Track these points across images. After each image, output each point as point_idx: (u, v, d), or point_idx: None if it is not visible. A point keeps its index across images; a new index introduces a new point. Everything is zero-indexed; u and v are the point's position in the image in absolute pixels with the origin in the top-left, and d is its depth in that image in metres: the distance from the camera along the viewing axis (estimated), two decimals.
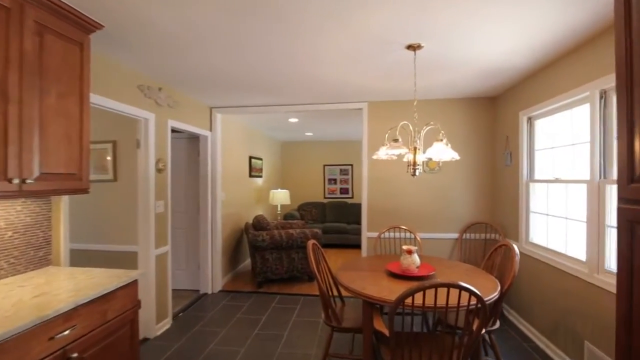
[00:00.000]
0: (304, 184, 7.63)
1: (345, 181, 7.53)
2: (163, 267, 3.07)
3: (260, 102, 3.83)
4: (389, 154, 2.03)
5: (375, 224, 3.74)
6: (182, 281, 4.16)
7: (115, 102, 2.48)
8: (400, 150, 1.99)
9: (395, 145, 2.01)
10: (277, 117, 4.78)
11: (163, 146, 3.07)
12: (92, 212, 3.07)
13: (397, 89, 3.30)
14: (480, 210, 3.61)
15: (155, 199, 2.95)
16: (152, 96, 2.89)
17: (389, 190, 3.73)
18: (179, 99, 3.33)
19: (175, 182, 4.14)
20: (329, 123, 5.33)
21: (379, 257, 2.84)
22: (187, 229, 4.13)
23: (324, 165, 7.57)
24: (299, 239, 4.21)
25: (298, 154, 7.65)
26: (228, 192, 4.54)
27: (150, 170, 2.88)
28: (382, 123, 3.75)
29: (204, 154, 3.99)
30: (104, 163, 3.03)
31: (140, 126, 2.86)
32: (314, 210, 6.99)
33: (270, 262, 4.21)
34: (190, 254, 4.14)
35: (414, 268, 2.25)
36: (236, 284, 4.40)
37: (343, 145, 7.53)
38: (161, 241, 3.04)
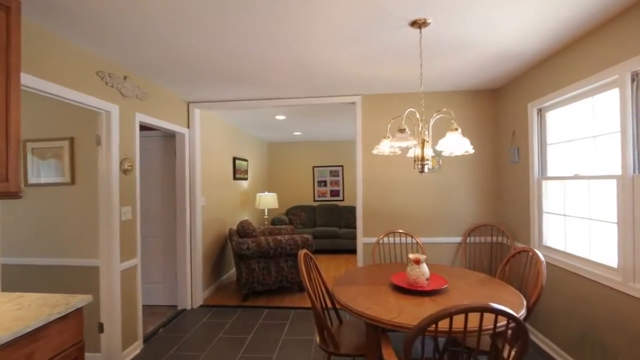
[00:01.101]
0: (292, 187, 7.26)
1: (336, 183, 7.21)
2: (131, 284, 2.66)
3: (244, 96, 3.47)
4: (394, 147, 1.70)
5: (371, 228, 3.41)
6: (159, 296, 3.73)
7: (67, 90, 2.07)
8: (408, 142, 1.67)
9: (402, 137, 1.69)
10: (262, 113, 4.42)
11: (130, 144, 2.67)
12: (45, 221, 2.63)
13: (394, 79, 2.99)
14: (485, 211, 3.33)
15: (120, 205, 2.54)
16: (115, 85, 2.49)
17: (385, 192, 3.42)
18: (149, 90, 2.93)
19: (149, 185, 3.72)
20: (318, 121, 5.00)
21: (378, 267, 2.51)
22: (164, 238, 3.71)
23: (313, 167, 7.23)
24: (288, 246, 3.85)
25: (286, 155, 7.29)
26: (210, 196, 4.14)
27: (114, 171, 2.47)
28: (377, 119, 3.44)
29: (181, 154, 3.59)
30: (60, 163, 2.61)
31: (101, 120, 2.46)
32: (303, 214, 6.63)
33: (257, 272, 3.82)
34: (167, 266, 3.72)
35: (423, 280, 1.93)
36: (219, 297, 3.99)
37: (333, 145, 7.21)
38: (128, 253, 2.62)
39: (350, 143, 7.17)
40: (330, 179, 7.22)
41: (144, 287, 3.72)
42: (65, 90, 2.07)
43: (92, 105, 2.28)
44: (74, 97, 2.13)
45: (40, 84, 1.90)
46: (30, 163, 2.65)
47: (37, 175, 2.64)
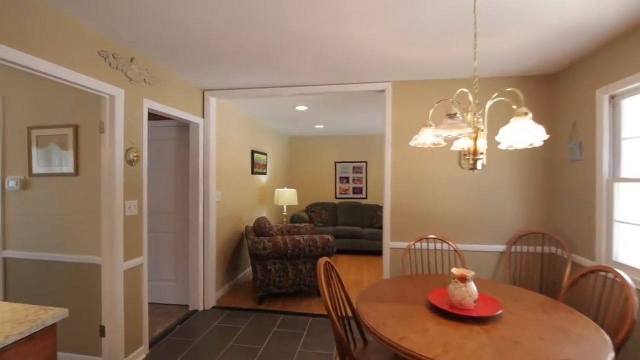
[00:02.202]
0: (313, 183, 6.97)
1: (359, 180, 6.83)
2: (136, 284, 2.45)
3: (263, 83, 3.18)
4: (441, 136, 1.34)
5: (400, 231, 3.04)
6: (170, 295, 3.55)
7: (63, 70, 1.85)
8: (461, 130, 1.30)
9: (453, 124, 1.32)
10: (283, 104, 4.13)
11: (137, 132, 2.45)
12: (49, 214, 2.47)
13: (432, 63, 2.59)
14: (535, 217, 2.87)
15: (125, 199, 2.32)
16: (121, 67, 2.26)
17: (417, 191, 3.03)
18: (160, 75, 2.70)
19: (162, 178, 3.53)
20: (341, 113, 4.64)
21: (410, 279, 2.15)
22: (178, 234, 3.51)
23: (335, 163, 6.89)
24: (307, 248, 3.55)
25: (307, 149, 6.99)
26: (226, 191, 3.91)
27: (118, 161, 2.25)
28: (409, 109, 3.05)
29: (195, 146, 3.36)
30: (64, 153, 2.42)
31: (105, 105, 2.24)
32: (324, 212, 6.32)
33: (273, 274, 3.56)
34: (180, 264, 3.52)
35: (470, 303, 1.56)
36: (234, 298, 3.76)
37: (357, 140, 6.83)
38: (133, 251, 2.41)
39: (376, 138, 6.76)
40: (353, 176, 6.85)
41: (155, 285, 3.55)
42: (66, 72, 1.85)
43: (93, 88, 2.05)
44: (71, 77, 1.91)
45: (39, 64, 1.68)
46: (35, 152, 2.48)
47: (41, 165, 2.47)
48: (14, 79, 2.52)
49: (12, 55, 1.59)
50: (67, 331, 2.42)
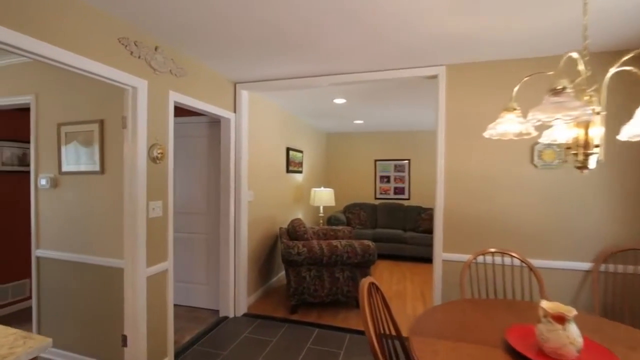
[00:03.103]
0: (351, 182, 6.59)
1: (401, 179, 6.34)
2: (160, 291, 2.27)
3: (299, 71, 2.88)
4: (541, 121, 0.93)
5: (454, 240, 2.59)
6: (202, 298, 3.40)
7: (77, 57, 1.68)
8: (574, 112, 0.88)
9: (562, 104, 0.90)
10: (319, 97, 3.81)
11: (161, 127, 2.27)
12: (76, 214, 2.38)
13: (501, 38, 2.12)
14: (632, 228, 2.28)
15: (148, 199, 2.15)
16: (143, 56, 2.08)
17: (477, 193, 2.55)
18: (187, 66, 2.50)
19: (194, 176, 3.38)
20: (383, 106, 4.22)
21: (474, 305, 1.72)
22: (209, 235, 3.35)
23: (375, 161, 6.46)
24: (345, 254, 3.21)
25: (345, 146, 6.63)
26: (259, 191, 3.68)
27: (140, 158, 2.08)
28: (468, 97, 2.57)
29: (226, 142, 3.16)
30: (90, 149, 2.31)
31: (127, 97, 2.07)
32: (362, 214, 5.93)
33: (308, 281, 3.26)
34: (211, 266, 3.36)
35: (571, 352, 1.13)
36: (266, 304, 3.53)
37: (399, 136, 6.34)
38: (157, 256, 2.24)
39: (420, 133, 6.22)
40: (395, 175, 6.37)
41: (187, 287, 3.43)
42: (75, 58, 1.68)
43: (111, 78, 1.88)
44: (87, 66, 1.73)
45: (53, 51, 1.52)
46: (63, 149, 2.40)
47: (69, 163, 2.38)
48: (45, 75, 2.46)
49: (18, 40, 1.43)
50: (91, 336, 2.31)
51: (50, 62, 1.60)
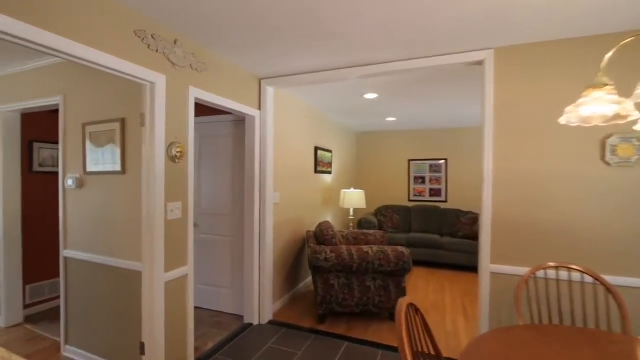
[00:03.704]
0: (383, 183, 6.28)
1: (437, 180, 5.92)
2: (179, 297, 2.16)
3: (326, 64, 2.68)
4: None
5: (505, 251, 2.24)
6: (226, 303, 3.29)
7: (93, 51, 1.60)
8: None
9: None
10: (349, 92, 3.58)
11: (181, 124, 2.15)
12: (98, 215, 2.34)
13: (566, 6, 1.77)
14: None
15: (166, 200, 2.04)
16: (161, 50, 1.97)
17: (533, 196, 2.19)
18: (209, 60, 2.38)
19: (218, 177, 3.29)
20: (419, 101, 3.90)
21: (538, 332, 1.40)
22: (235, 238, 3.24)
23: (409, 160, 6.10)
24: (377, 261, 2.94)
25: (376, 146, 6.33)
26: (286, 192, 3.52)
27: (158, 158, 1.97)
28: (521, 84, 2.22)
29: (251, 141, 3.02)
30: (112, 149, 2.26)
31: (145, 93, 1.97)
32: (395, 217, 5.60)
33: (336, 290, 3.04)
34: (236, 270, 3.24)
35: None
36: (292, 312, 3.35)
37: (435, 134, 5.93)
38: (176, 260, 2.12)
39: (458, 131, 5.77)
40: (430, 175, 5.97)
41: (211, 290, 3.33)
42: (96, 54, 1.59)
43: (127, 72, 1.78)
44: (100, 60, 1.64)
45: (64, 44, 1.43)
46: (88, 148, 2.38)
47: (93, 163, 2.35)
48: (73, 76, 2.45)
49: (26, 32, 1.35)
50: (112, 340, 2.24)
51: (61, 55, 1.52)
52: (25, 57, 2.55)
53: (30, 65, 2.67)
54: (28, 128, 3.18)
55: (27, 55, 2.51)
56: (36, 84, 2.66)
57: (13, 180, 2.99)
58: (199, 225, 3.37)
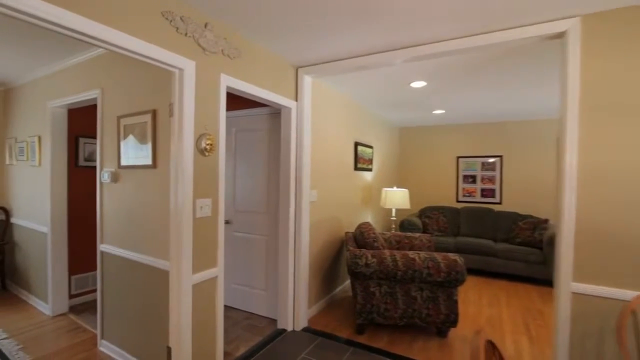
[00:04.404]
0: (428, 182, 5.82)
1: (490, 179, 5.34)
2: (207, 301, 2.01)
3: (370, 47, 2.39)
4: None
5: (595, 267, 1.80)
6: (260, 305, 3.14)
7: (117, 33, 1.47)
8: None
9: None
10: (394, 80, 3.25)
11: (211, 115, 2.00)
12: (130, 210, 2.27)
13: None
14: None
15: (194, 196, 1.89)
16: (190, 33, 1.82)
17: (635, 199, 1.73)
18: (242, 46, 2.21)
19: (253, 173, 3.14)
20: (472, 89, 3.46)
21: None
22: (270, 237, 3.08)
23: (457, 157, 5.58)
24: (425, 270, 2.60)
25: (421, 142, 5.88)
26: (323, 190, 3.29)
27: (187, 150, 1.83)
28: (620, 60, 1.77)
29: (287, 135, 2.82)
30: (144, 142, 2.17)
31: (174, 81, 1.83)
32: (442, 218, 5.13)
33: (378, 298, 2.75)
34: (270, 271, 3.08)
35: None
36: (329, 319, 3.12)
37: (488, 128, 5.35)
38: (205, 261, 1.98)
39: (517, 125, 5.15)
40: (482, 174, 5.40)
41: (245, 290, 3.20)
42: (121, 36, 1.46)
43: (153, 57, 1.64)
44: (127, 43, 1.51)
45: (84, 24, 1.31)
46: (122, 141, 2.32)
47: (127, 156, 2.29)
48: (110, 68, 2.42)
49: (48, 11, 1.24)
50: (141, 340, 2.16)
51: (83, 38, 1.41)
52: (65, 52, 2.58)
53: (71, 60, 2.70)
54: (74, 123, 3.27)
55: (67, 50, 2.53)
56: (78, 79, 2.68)
57: (60, 174, 3.08)
58: (232, 223, 3.25)
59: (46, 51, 2.60)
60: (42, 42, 2.42)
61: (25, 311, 3.15)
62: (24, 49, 2.56)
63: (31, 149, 3.23)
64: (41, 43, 2.43)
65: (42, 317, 3.03)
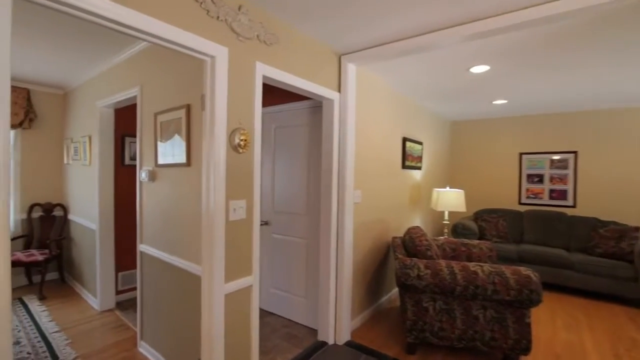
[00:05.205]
0: (483, 182, 5.23)
1: (562, 179, 4.64)
2: (241, 313, 1.83)
3: (422, 25, 2.06)
4: None
5: None
6: (300, 313, 2.94)
7: (141, 16, 1.33)
8: None
9: None
10: (449, 66, 2.85)
11: (246, 107, 1.81)
12: (165, 210, 2.18)
13: None
14: None
15: (227, 197, 1.72)
16: (223, 17, 1.65)
17: None
18: (279, 31, 2.00)
19: (293, 172, 2.94)
20: (545, 71, 2.93)
21: None
22: (310, 240, 2.86)
23: (520, 154, 4.93)
24: (490, 287, 2.21)
25: (476, 137, 5.30)
26: (368, 189, 3.00)
27: (218, 146, 1.66)
28: None
29: (328, 129, 2.58)
30: (178, 138, 2.05)
31: (205, 70, 1.67)
32: (501, 223, 4.56)
33: (431, 315, 2.40)
34: (311, 277, 2.87)
35: None
36: (374, 332, 2.83)
37: (560, 120, 4.65)
38: (239, 268, 1.80)
39: (596, 114, 4.39)
40: (551, 173, 4.71)
41: (285, 296, 3.02)
42: (143, 19, 1.32)
43: (183, 44, 1.49)
44: (152, 28, 1.37)
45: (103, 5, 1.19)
46: (158, 139, 2.24)
47: (162, 154, 2.20)
48: (148, 64, 2.36)
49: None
50: (175, 346, 2.06)
51: (105, 23, 1.28)
52: (109, 52, 2.57)
53: (115, 59, 2.71)
54: (120, 123, 3.32)
55: (111, 49, 2.52)
56: (121, 78, 2.68)
57: (108, 173, 3.14)
58: (271, 224, 3.09)
59: (95, 52, 2.62)
60: (91, 43, 2.43)
61: (78, 304, 3.27)
62: (76, 53, 2.60)
63: (83, 148, 3.35)
64: (90, 44, 2.44)
65: (91, 311, 3.12)
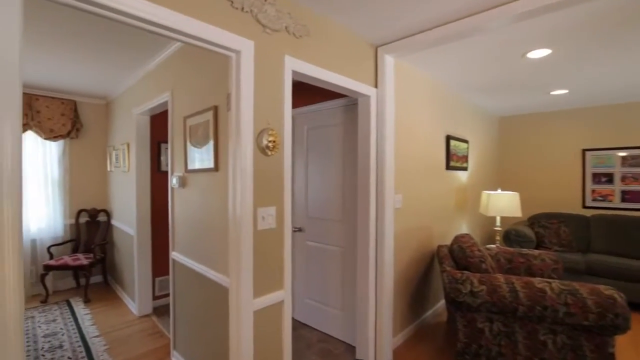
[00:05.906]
0: (539, 183, 4.69)
1: (637, 179, 4.01)
2: (273, 331, 1.67)
3: (465, 7, 1.79)
4: None
5: None
6: (337, 327, 2.74)
7: (158, 8, 1.22)
8: None
9: None
10: (501, 52, 2.51)
11: (275, 105, 1.66)
12: (193, 217, 2.09)
13: None
14: None
15: (255, 204, 1.57)
16: (248, 7, 1.51)
17: None
18: (310, 22, 1.83)
19: (327, 176, 2.76)
20: (622, 50, 2.49)
21: None
22: (347, 249, 2.66)
23: (583, 151, 4.35)
24: (562, 308, 1.85)
25: (529, 133, 4.77)
26: (410, 193, 2.74)
27: (244, 147, 1.52)
28: None
29: (365, 128, 2.37)
30: (205, 142, 1.96)
31: (230, 67, 1.54)
32: (563, 229, 4.02)
33: (487, 337, 2.09)
34: (348, 288, 2.66)
35: None
36: (419, 352, 2.55)
37: (633, 110, 4.03)
38: (269, 282, 1.64)
39: None
40: (623, 171, 4.09)
41: (320, 308, 2.84)
42: (161, 11, 1.22)
43: (204, 38, 1.37)
44: (171, 21, 1.25)
45: None
46: (188, 143, 2.17)
47: (192, 159, 2.12)
48: (178, 68, 2.31)
49: None
50: (204, 358, 1.95)
51: (119, 18, 1.18)
52: (142, 60, 2.57)
53: (148, 66, 2.71)
54: (156, 129, 3.36)
55: (143, 55, 2.51)
56: (154, 85, 2.68)
57: (144, 179, 3.17)
58: (305, 231, 2.93)
59: (131, 60, 2.64)
60: (127, 53, 2.44)
61: (119, 308, 3.33)
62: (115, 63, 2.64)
63: (122, 155, 3.43)
64: (126, 54, 2.46)
65: (130, 316, 3.15)
